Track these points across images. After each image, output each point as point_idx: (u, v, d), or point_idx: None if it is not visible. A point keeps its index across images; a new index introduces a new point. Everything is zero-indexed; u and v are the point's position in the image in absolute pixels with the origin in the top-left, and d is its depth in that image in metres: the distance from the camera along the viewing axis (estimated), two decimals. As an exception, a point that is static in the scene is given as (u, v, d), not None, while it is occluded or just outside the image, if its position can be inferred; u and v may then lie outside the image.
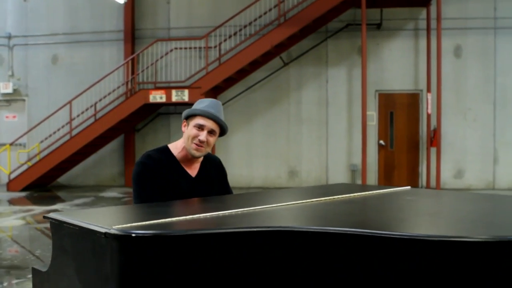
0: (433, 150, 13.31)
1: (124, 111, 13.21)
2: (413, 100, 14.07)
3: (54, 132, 14.07)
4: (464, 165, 13.86)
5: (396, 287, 1.79)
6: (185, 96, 12.88)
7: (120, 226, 1.83)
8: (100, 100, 14.08)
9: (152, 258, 1.80)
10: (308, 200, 2.71)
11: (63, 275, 2.00)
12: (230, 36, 13.63)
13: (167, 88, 13.21)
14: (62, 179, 14.81)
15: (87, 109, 14.01)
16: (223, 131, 2.98)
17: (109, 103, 13.80)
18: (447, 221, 2.26)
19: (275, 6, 13.61)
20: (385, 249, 1.80)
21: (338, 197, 2.83)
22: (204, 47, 13.63)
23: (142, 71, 14.14)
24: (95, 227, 1.85)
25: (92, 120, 13.80)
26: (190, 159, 2.97)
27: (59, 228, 2.05)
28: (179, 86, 13.38)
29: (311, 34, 13.72)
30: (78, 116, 13.98)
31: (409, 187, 3.41)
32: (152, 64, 13.99)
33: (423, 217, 2.41)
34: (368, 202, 2.85)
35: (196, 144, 2.87)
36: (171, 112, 14.58)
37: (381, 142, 14.05)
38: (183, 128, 2.95)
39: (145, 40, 14.62)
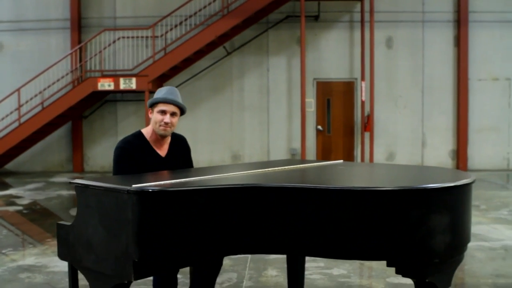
0: (367, 134, 14.29)
1: (73, 99, 13.55)
2: (348, 88, 14.98)
3: (2, 119, 14.24)
4: (395, 148, 14.90)
5: (328, 225, 2.53)
6: (132, 84, 13.35)
7: (137, 185, 2.50)
8: (48, 87, 14.31)
9: (161, 206, 2.49)
10: (261, 170, 3.42)
11: (87, 225, 2.63)
12: (176, 26, 14.13)
13: (115, 76, 13.63)
14: (9, 165, 15.00)
15: (35, 96, 14.20)
16: (182, 111, 3.61)
17: (58, 91, 14.05)
18: (365, 179, 3.02)
19: (219, -3, 14.22)
20: (325, 198, 2.53)
21: (284, 168, 3.56)
22: (151, 37, 14.10)
23: (90, 58, 14.42)
24: (118, 187, 2.52)
25: (40, 107, 14.03)
26: (159, 140, 3.62)
27: (84, 190, 2.70)
28: (126, 74, 13.80)
29: (253, 25, 14.36)
30: (26, 102, 14.16)
31: (341, 160, 4.19)
32: (99, 52, 14.31)
33: (350, 178, 3.16)
34: (308, 170, 3.59)
35: (162, 126, 3.52)
36: (118, 99, 15.00)
37: (319, 127, 14.92)
38: (149, 115, 3.59)
39: (91, 28, 14.93)
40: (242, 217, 2.64)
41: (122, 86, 13.36)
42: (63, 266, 5.46)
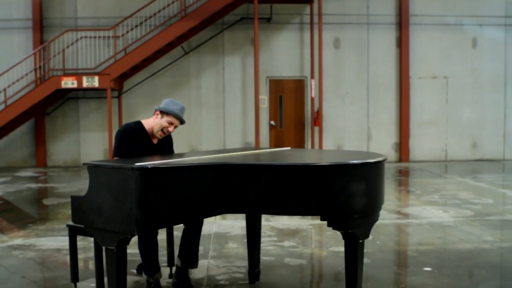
0: (316, 129, 15.33)
1: (37, 96, 14.10)
2: (299, 85, 15.99)
3: (-34, 116, 14.66)
4: (343, 142, 15.99)
5: (278, 191, 3.44)
6: (95, 82, 14.00)
7: (138, 164, 3.36)
8: (12, 84, 14.80)
9: (156, 179, 3.33)
10: (225, 154, 4.32)
11: (98, 195, 3.44)
12: (136, 26, 14.84)
13: (78, 75, 14.25)
14: (-28, 161, 15.47)
15: (-1, 93, 14.70)
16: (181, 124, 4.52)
17: (21, 89, 14.58)
18: (305, 159, 3.95)
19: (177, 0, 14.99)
20: (276, 171, 3.44)
21: (243, 152, 4.46)
22: (112, 36, 14.77)
23: (54, 56, 14.97)
24: (124, 165, 3.35)
25: (4, 105, 14.50)
26: (153, 134, 4.50)
27: (95, 169, 3.51)
28: (89, 73, 14.45)
29: (209, 26, 15.19)
30: (-11, 101, 14.63)
31: (289, 147, 5.12)
32: (62, 51, 14.86)
33: (294, 158, 4.08)
34: (262, 154, 4.50)
35: (163, 132, 4.41)
36: (80, 96, 15.61)
37: (272, 122, 15.88)
38: (155, 116, 4.43)
39: (53, 28, 15.49)
40: (214, 186, 3.52)
41: (85, 84, 13.99)
42: (49, 244, 6.25)
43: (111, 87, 14.10)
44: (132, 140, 4.37)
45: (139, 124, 4.49)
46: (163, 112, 4.40)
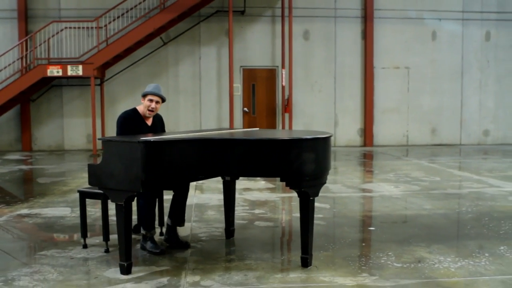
0: (287, 115, 16.44)
1: (23, 84, 14.95)
2: (270, 74, 17.07)
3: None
4: (311, 128, 17.11)
5: (249, 159, 4.51)
6: (79, 70, 14.88)
7: (142, 139, 4.38)
8: (-2, 73, 15.65)
9: (156, 150, 4.35)
10: (206, 132, 5.38)
11: (110, 163, 4.45)
12: (118, 17, 15.73)
13: (63, 64, 15.12)
14: (-41, 146, 16.27)
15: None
16: (163, 100, 5.52)
17: (8, 78, 15.40)
18: (270, 135, 5.03)
19: (156, -7, 15.91)
20: (247, 144, 4.51)
21: (221, 131, 5.53)
22: (95, 27, 15.64)
23: (40, 45, 15.79)
24: (131, 140, 4.38)
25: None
26: (147, 117, 5.52)
27: (108, 143, 4.51)
28: (73, 62, 15.33)
29: (187, 18, 16.17)
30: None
31: (258, 128, 6.21)
32: (47, 40, 15.69)
33: (261, 135, 5.16)
34: (235, 132, 5.57)
35: (150, 110, 5.43)
36: (64, 84, 16.48)
37: (245, 109, 16.95)
38: (142, 101, 5.46)
39: (37, 19, 16.29)
40: (199, 155, 4.58)
41: (69, 72, 14.86)
42: (52, 213, 7.25)
43: (94, 75, 15.00)
44: (130, 123, 5.40)
45: (134, 110, 5.51)
46: (143, 96, 5.47)
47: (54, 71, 14.83)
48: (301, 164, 4.48)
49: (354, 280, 4.44)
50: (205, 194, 8.58)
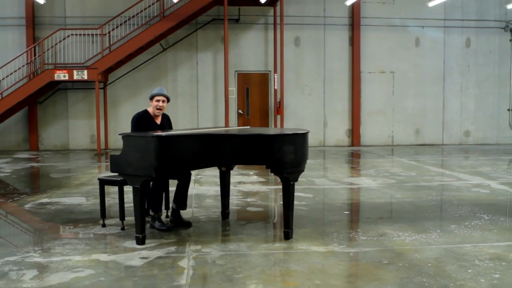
0: (279, 117, 17.46)
1: (32, 87, 15.96)
2: (263, 78, 18.14)
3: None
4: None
5: (242, 150, 5.57)
6: (84, 75, 15.90)
7: (155, 134, 5.43)
8: (3, 78, 16.62)
9: (166, 143, 5.38)
10: (206, 129, 6.44)
11: (128, 153, 5.49)
12: (121, 24, 16.76)
13: (69, 68, 16.14)
14: (-30, 146, 17.27)
15: (-2, 85, 16.50)
16: (168, 100, 6.57)
17: (17, 82, 16.41)
18: (259, 132, 6.10)
19: (157, 1, 16.88)
20: (240, 138, 5.57)
21: (218, 128, 6.59)
22: (99, 34, 16.68)
23: (48, 50, 16.81)
24: (146, 135, 5.42)
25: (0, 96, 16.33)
26: (156, 116, 6.57)
27: (127, 138, 5.55)
28: (79, 67, 16.37)
29: (185, 26, 17.22)
30: (-11, 91, 16.43)
31: (249, 126, 7.28)
32: (55, 45, 16.73)
33: (252, 131, 6.22)
34: (230, 130, 6.63)
35: (158, 108, 6.48)
36: (69, 88, 17.51)
37: (240, 111, 18.02)
38: (150, 103, 6.51)
39: (44, 26, 17.32)
40: (200, 147, 5.64)
41: (75, 77, 15.87)
42: (70, 202, 8.29)
43: (98, 79, 16.02)
44: (143, 122, 6.45)
45: (145, 111, 6.56)
46: (150, 98, 6.52)
47: (61, 75, 15.84)
48: (283, 154, 5.55)
49: (326, 248, 5.50)
50: (203, 186, 9.63)
